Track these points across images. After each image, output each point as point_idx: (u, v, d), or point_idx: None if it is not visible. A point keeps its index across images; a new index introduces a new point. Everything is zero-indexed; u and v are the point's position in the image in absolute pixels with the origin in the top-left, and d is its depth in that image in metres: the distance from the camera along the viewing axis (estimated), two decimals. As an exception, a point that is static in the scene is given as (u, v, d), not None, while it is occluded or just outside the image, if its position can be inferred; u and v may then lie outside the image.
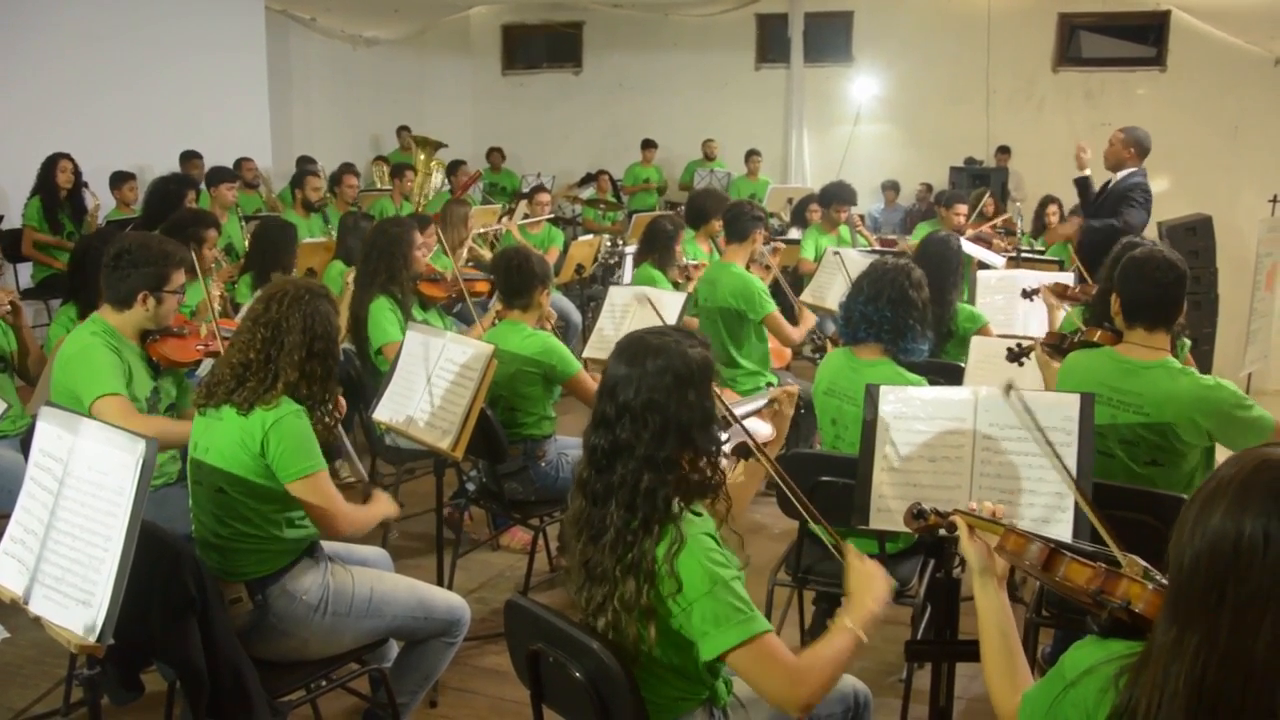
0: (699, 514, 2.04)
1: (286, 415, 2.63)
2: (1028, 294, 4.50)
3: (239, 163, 8.93)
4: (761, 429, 2.58)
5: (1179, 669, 1.25)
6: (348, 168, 8.64)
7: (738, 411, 2.41)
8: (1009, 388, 2.21)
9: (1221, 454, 3.10)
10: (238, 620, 2.63)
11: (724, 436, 2.15)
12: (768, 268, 5.51)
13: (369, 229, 5.09)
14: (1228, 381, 3.00)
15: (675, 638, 1.98)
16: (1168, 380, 2.99)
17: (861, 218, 9.34)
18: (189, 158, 8.58)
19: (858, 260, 5.49)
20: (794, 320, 5.27)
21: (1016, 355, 3.59)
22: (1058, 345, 3.51)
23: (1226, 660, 1.22)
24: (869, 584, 2.09)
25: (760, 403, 2.66)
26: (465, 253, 6.43)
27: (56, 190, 7.26)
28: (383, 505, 2.95)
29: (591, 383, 3.98)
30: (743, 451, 2.36)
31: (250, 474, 2.63)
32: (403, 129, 12.34)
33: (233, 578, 2.66)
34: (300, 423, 2.65)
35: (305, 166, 9.11)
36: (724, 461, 2.15)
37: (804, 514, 2.28)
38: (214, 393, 2.70)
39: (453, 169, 10.01)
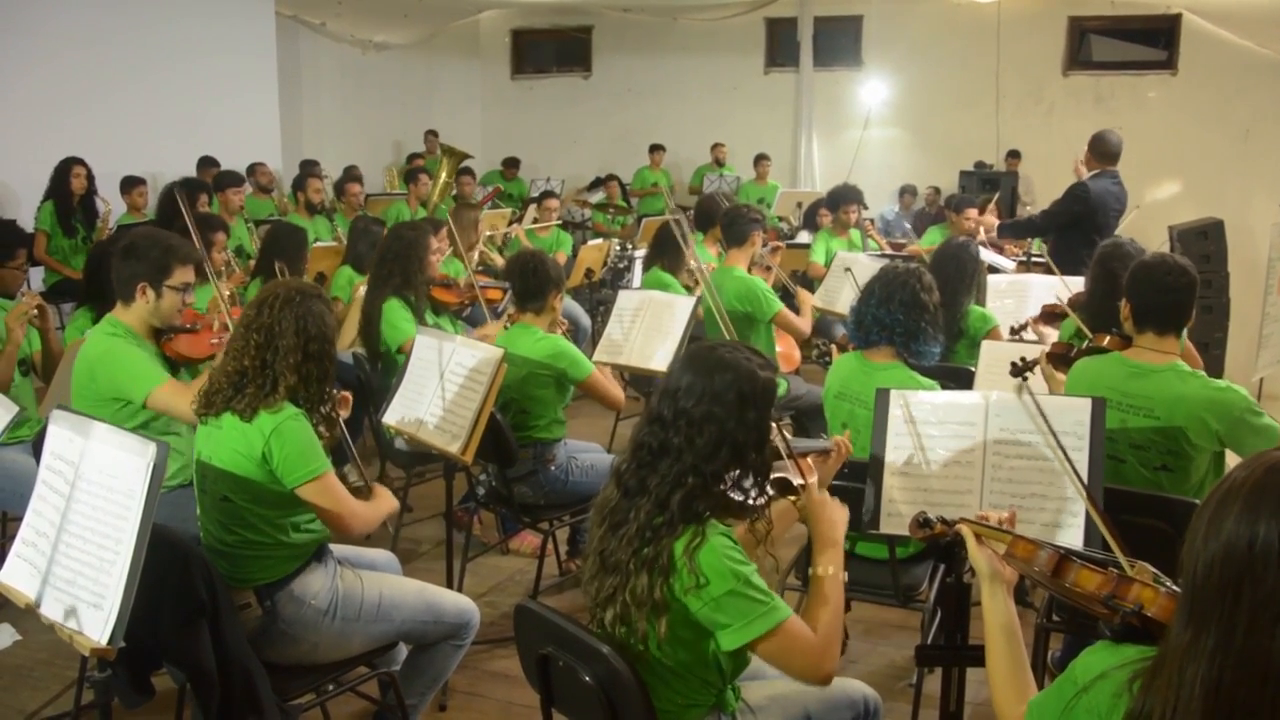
0: (730, 525, 2.04)
1: (286, 420, 2.61)
2: (1015, 331, 4.43)
3: (253, 167, 8.96)
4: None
5: (1195, 671, 1.24)
6: (351, 175, 8.65)
7: (796, 448, 2.38)
8: (1020, 377, 2.22)
9: (1231, 460, 3.09)
10: (247, 626, 2.63)
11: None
12: (768, 268, 5.50)
13: (386, 232, 5.10)
14: (1239, 385, 3.00)
15: (685, 635, 1.99)
16: (1178, 382, 2.98)
17: (871, 222, 9.34)
18: (206, 164, 8.61)
19: (866, 265, 5.49)
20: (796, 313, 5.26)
21: (1021, 370, 3.56)
22: (1064, 355, 3.49)
23: (1243, 662, 1.22)
24: (827, 513, 2.21)
25: (819, 445, 2.62)
26: (476, 256, 6.44)
27: (70, 195, 7.27)
28: (386, 501, 2.92)
29: (607, 382, 3.98)
30: (780, 487, 2.32)
31: (255, 480, 2.62)
32: (430, 133, 12.35)
33: (241, 584, 2.66)
34: (301, 426, 2.64)
35: (307, 169, 9.13)
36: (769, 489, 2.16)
37: (792, 462, 2.27)
38: (213, 401, 2.68)
39: (461, 174, 10.04)
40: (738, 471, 2.03)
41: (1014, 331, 4.46)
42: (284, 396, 2.64)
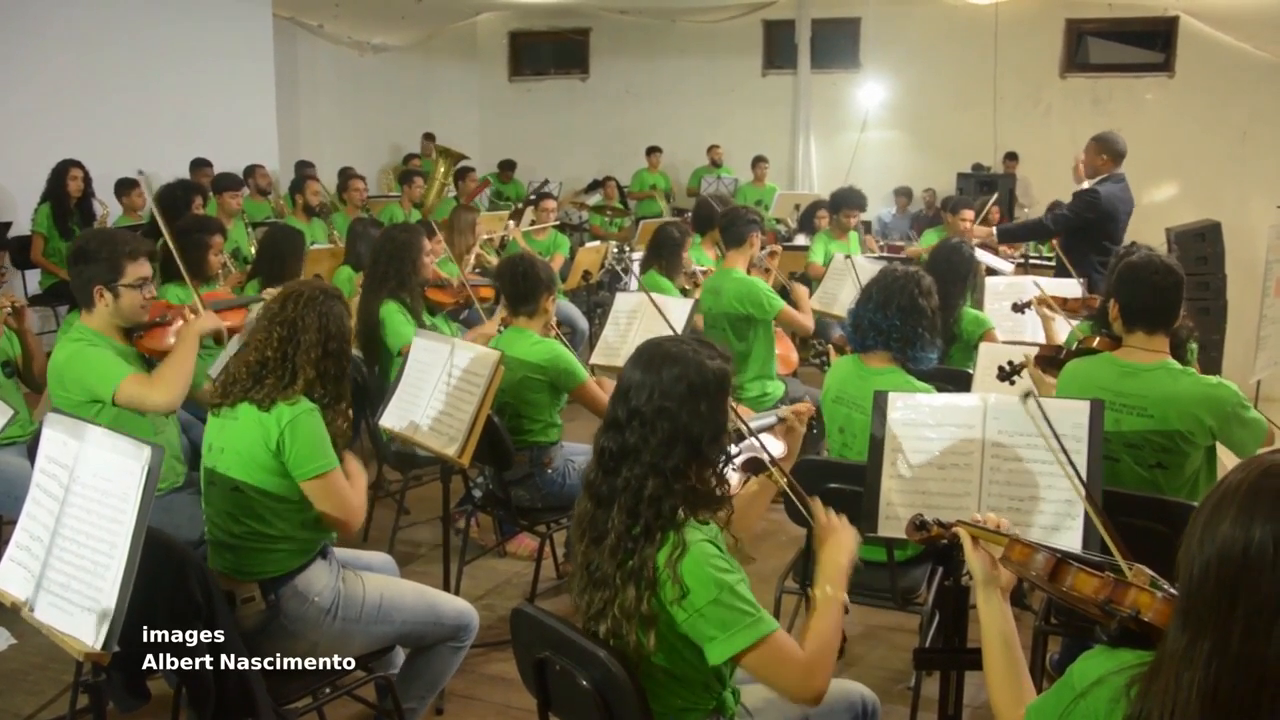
0: (705, 523, 2.03)
1: (302, 414, 2.64)
2: (1019, 307, 4.47)
3: (252, 169, 8.94)
4: (772, 447, 2.56)
5: (1191, 677, 1.24)
6: (352, 173, 8.64)
7: (751, 426, 2.40)
8: (1027, 395, 2.22)
9: (1222, 454, 3.10)
10: (249, 620, 2.64)
11: (735, 450, 2.14)
12: (767, 270, 5.50)
13: (379, 235, 5.09)
14: (1229, 381, 3.01)
15: (677, 644, 1.98)
16: (1170, 381, 3.00)
17: (868, 224, 9.33)
18: (199, 166, 8.60)
19: (867, 267, 5.48)
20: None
21: (1008, 374, 3.55)
22: (1053, 358, 3.49)
23: (1239, 667, 1.21)
24: (836, 539, 2.16)
25: (773, 419, 2.65)
26: (473, 259, 6.44)
27: (67, 198, 7.27)
28: (359, 475, 2.87)
29: (598, 391, 3.98)
30: (753, 467, 2.35)
31: (267, 470, 2.64)
32: (427, 136, 12.37)
33: (246, 577, 2.67)
34: (315, 420, 2.66)
35: (303, 171, 9.12)
36: (732, 476, 2.14)
37: (788, 492, 2.27)
38: (230, 391, 2.71)
39: (460, 175, 10.04)
40: (699, 465, 2.01)
41: (1016, 308, 4.47)
42: (301, 390, 2.67)
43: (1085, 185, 5.87)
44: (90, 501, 2.17)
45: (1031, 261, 6.85)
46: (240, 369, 2.72)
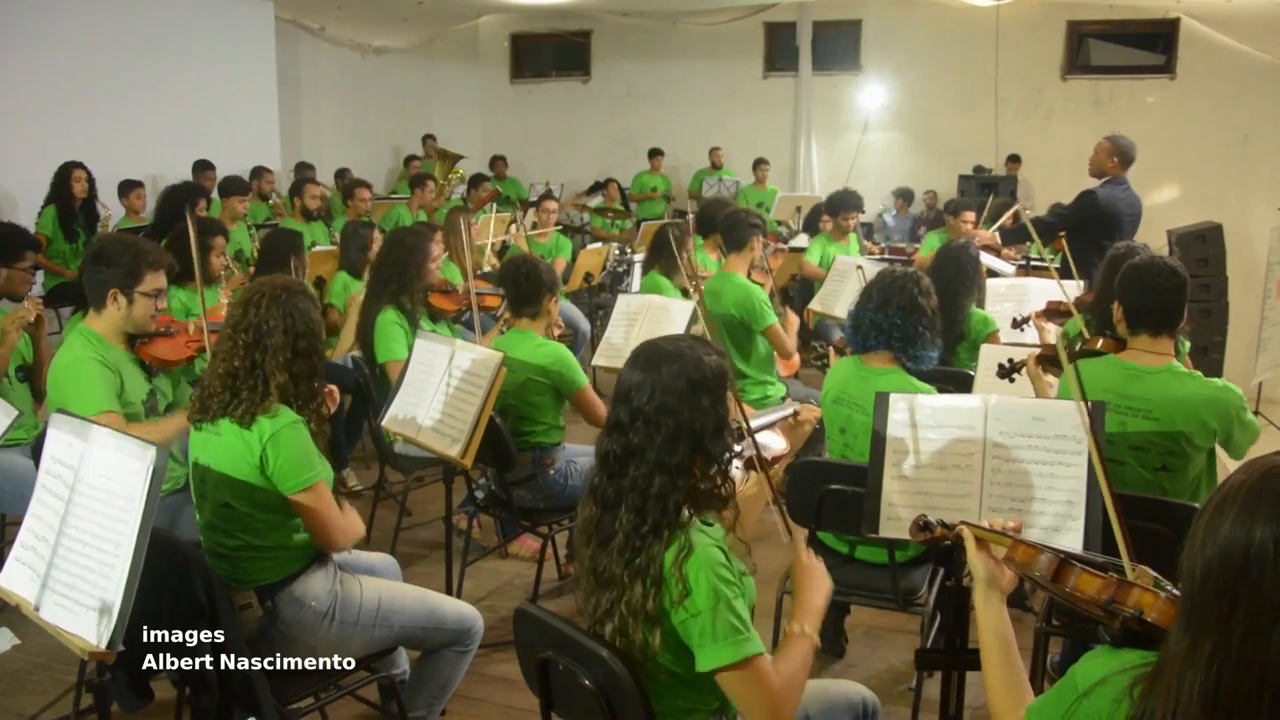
0: (710, 524, 2.03)
1: (284, 428, 2.60)
2: (1017, 323, 4.47)
3: (258, 172, 8.95)
4: (775, 443, 2.56)
5: (1193, 678, 1.24)
6: (360, 182, 8.66)
7: (754, 423, 2.40)
8: (1008, 379, 2.22)
9: (1222, 457, 3.11)
10: (247, 627, 2.63)
11: (738, 448, 2.15)
12: (769, 272, 5.50)
13: (386, 237, 5.08)
14: (1233, 384, 3.02)
15: (679, 645, 1.98)
16: (1175, 384, 3.00)
17: (869, 226, 9.33)
18: (202, 168, 8.61)
19: (869, 268, 5.49)
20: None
21: (1007, 371, 3.56)
22: (1054, 358, 3.49)
23: (1240, 668, 1.21)
24: (814, 582, 2.16)
25: (778, 415, 2.65)
26: (471, 259, 6.40)
27: (72, 200, 7.28)
28: (357, 524, 2.85)
29: (595, 398, 3.99)
30: (750, 464, 2.36)
31: (254, 487, 2.62)
32: (428, 138, 12.37)
33: (242, 585, 2.66)
34: (298, 434, 2.63)
35: (303, 174, 9.11)
36: (735, 472, 2.15)
37: (781, 518, 2.28)
38: (208, 406, 2.67)
39: (475, 183, 9.99)
40: (703, 461, 2.01)
41: (1015, 324, 4.48)
42: (277, 398, 2.64)
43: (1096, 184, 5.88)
44: (95, 501, 2.18)
45: (1033, 263, 6.84)
46: (214, 382, 2.67)
